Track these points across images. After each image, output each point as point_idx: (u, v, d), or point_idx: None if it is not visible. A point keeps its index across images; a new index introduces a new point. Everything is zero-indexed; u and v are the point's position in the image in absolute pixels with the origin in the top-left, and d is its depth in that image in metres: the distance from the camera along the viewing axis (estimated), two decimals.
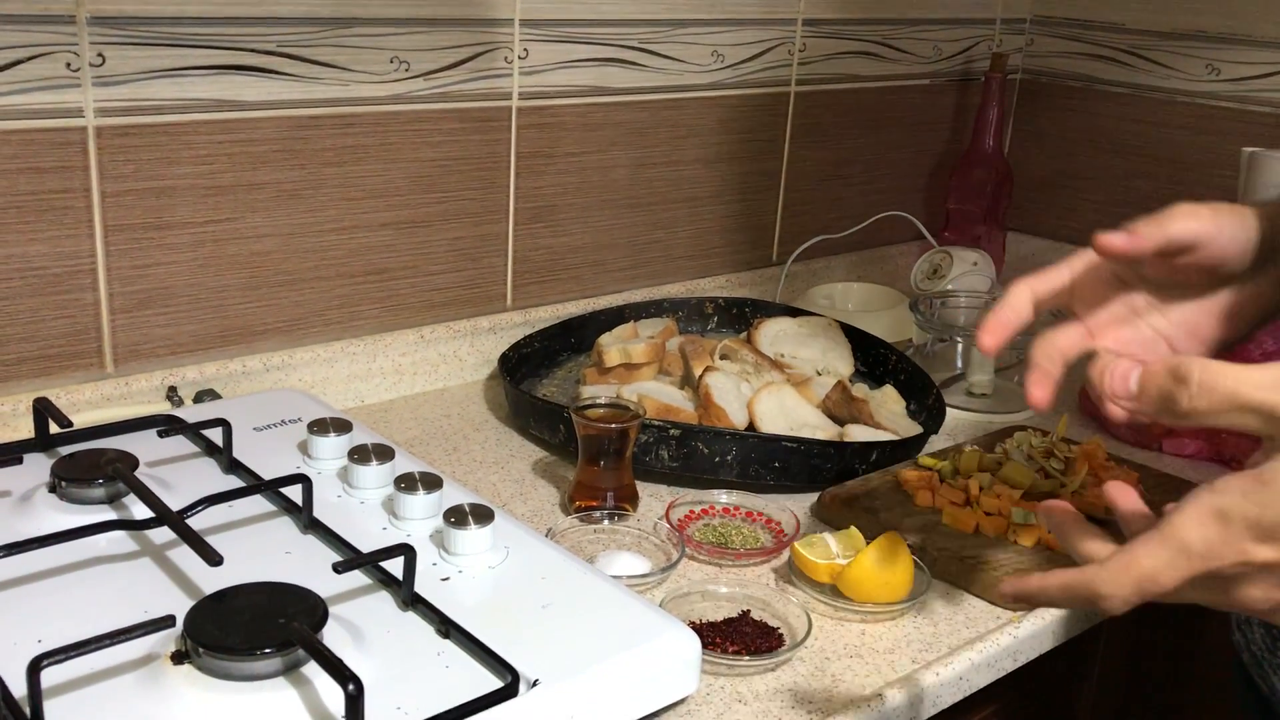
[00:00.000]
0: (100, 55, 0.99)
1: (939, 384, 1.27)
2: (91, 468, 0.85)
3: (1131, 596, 0.51)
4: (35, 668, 0.60)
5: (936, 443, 1.16)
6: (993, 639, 0.86)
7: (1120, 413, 0.55)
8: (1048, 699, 1.03)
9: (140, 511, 0.82)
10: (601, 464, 0.98)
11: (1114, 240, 0.63)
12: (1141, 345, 0.68)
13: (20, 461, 0.87)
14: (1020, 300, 0.67)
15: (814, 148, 1.59)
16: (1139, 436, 1.22)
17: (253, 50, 1.07)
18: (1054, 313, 0.70)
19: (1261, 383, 0.48)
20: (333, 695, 0.64)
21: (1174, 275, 0.67)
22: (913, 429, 1.17)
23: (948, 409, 1.21)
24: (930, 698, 0.81)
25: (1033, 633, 0.89)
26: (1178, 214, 0.64)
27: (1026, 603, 0.55)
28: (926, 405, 1.23)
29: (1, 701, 0.60)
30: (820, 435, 1.12)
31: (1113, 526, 1.00)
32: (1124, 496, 0.60)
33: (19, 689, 0.62)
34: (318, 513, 0.84)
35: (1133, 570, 0.50)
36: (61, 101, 0.98)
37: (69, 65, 0.98)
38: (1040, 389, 0.62)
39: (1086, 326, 0.69)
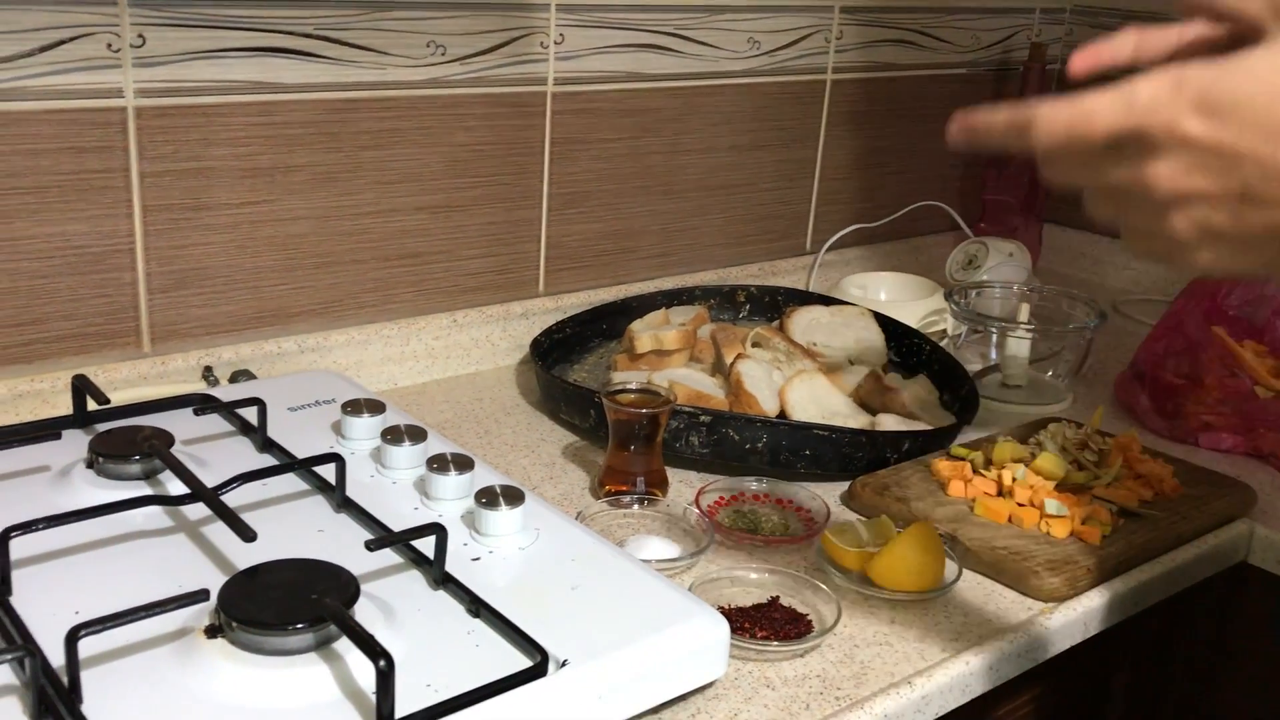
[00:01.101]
0: (141, 36, 1.00)
1: (973, 375, 1.26)
2: (128, 444, 0.86)
3: (1061, 131, 0.48)
4: (73, 638, 0.61)
5: (969, 434, 1.15)
6: (1024, 629, 0.86)
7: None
8: (1081, 690, 1.02)
9: (176, 488, 0.83)
10: (632, 449, 0.98)
11: None
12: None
13: (59, 437, 0.88)
14: (1124, 40, 0.61)
15: (850, 136, 1.59)
16: (1175, 430, 1.20)
17: (291, 33, 1.07)
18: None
19: None
20: (364, 671, 0.64)
21: None
22: (945, 419, 1.16)
23: (981, 400, 1.20)
24: (960, 686, 0.81)
25: (1065, 623, 0.88)
26: None
27: (970, 136, 0.52)
28: (960, 396, 1.22)
29: (40, 670, 0.61)
30: (852, 424, 1.11)
31: (1148, 520, 1.00)
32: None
33: (57, 658, 0.63)
34: (350, 492, 0.84)
35: (1075, 104, 0.48)
36: (102, 82, 0.99)
37: (110, 46, 0.98)
38: (1087, 56, 0.56)
39: (1182, 33, 0.63)
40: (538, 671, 0.67)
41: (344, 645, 0.66)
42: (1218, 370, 1.21)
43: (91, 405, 0.92)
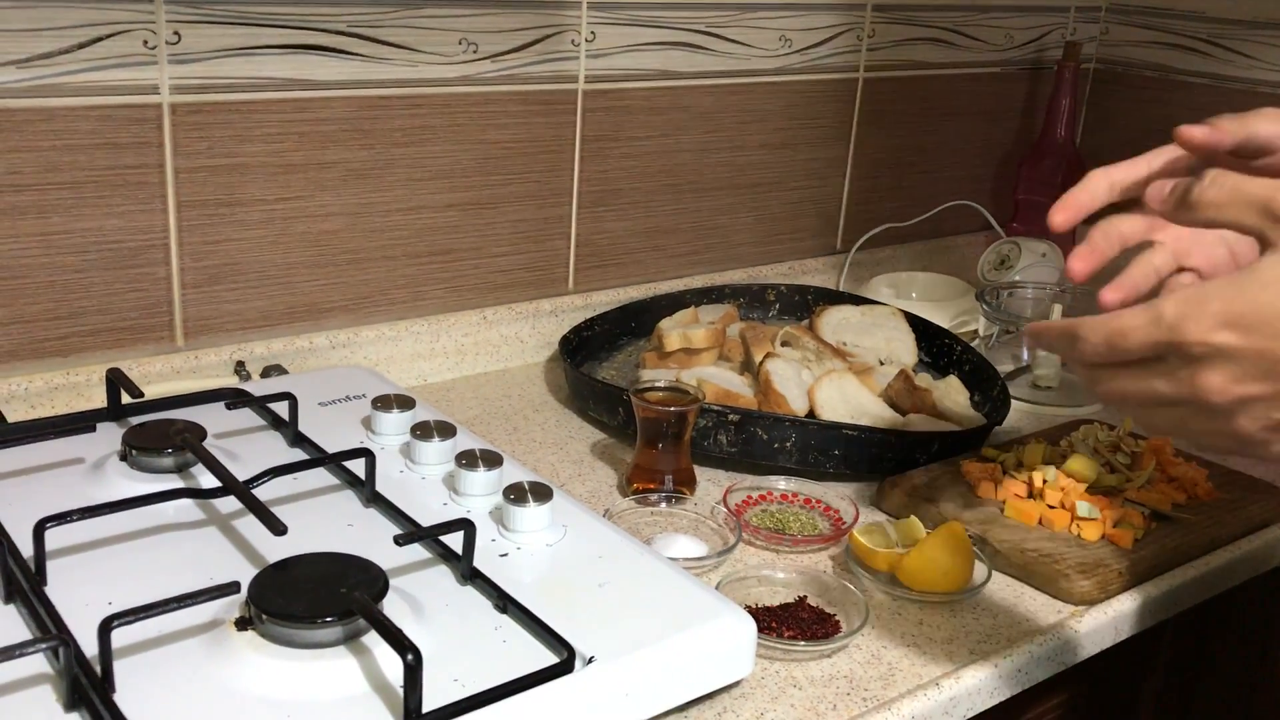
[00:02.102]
0: (176, 33, 1.01)
1: (1004, 376, 1.25)
2: (161, 437, 0.87)
3: (1101, 344, 0.52)
4: (106, 628, 0.62)
5: (1000, 435, 1.15)
6: (1054, 633, 0.85)
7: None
8: (1112, 694, 1.01)
9: (207, 481, 0.83)
10: (660, 447, 0.98)
11: (1195, 132, 0.63)
12: (1202, 246, 0.67)
13: (93, 430, 0.89)
14: (1096, 184, 0.66)
15: (881, 135, 1.58)
16: None
17: (324, 30, 1.08)
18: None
19: (1264, 183, 0.50)
20: (392, 665, 0.65)
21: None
22: (976, 420, 1.15)
23: (1013, 401, 1.19)
24: (988, 689, 0.81)
25: (1095, 627, 0.87)
26: (1264, 115, 0.64)
27: (1034, 339, 0.58)
28: (991, 397, 1.21)
29: (74, 659, 0.62)
30: (881, 424, 1.11)
31: (1181, 524, 0.99)
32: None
33: (90, 648, 0.63)
34: (380, 487, 0.85)
35: (1111, 322, 0.52)
36: (138, 79, 1.00)
37: (146, 43, 0.99)
38: (1083, 261, 0.61)
39: (1152, 221, 0.67)
40: (565, 668, 0.67)
41: (372, 639, 0.66)
42: None
43: (125, 399, 0.93)
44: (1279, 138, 0.63)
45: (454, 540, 0.76)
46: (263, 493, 0.79)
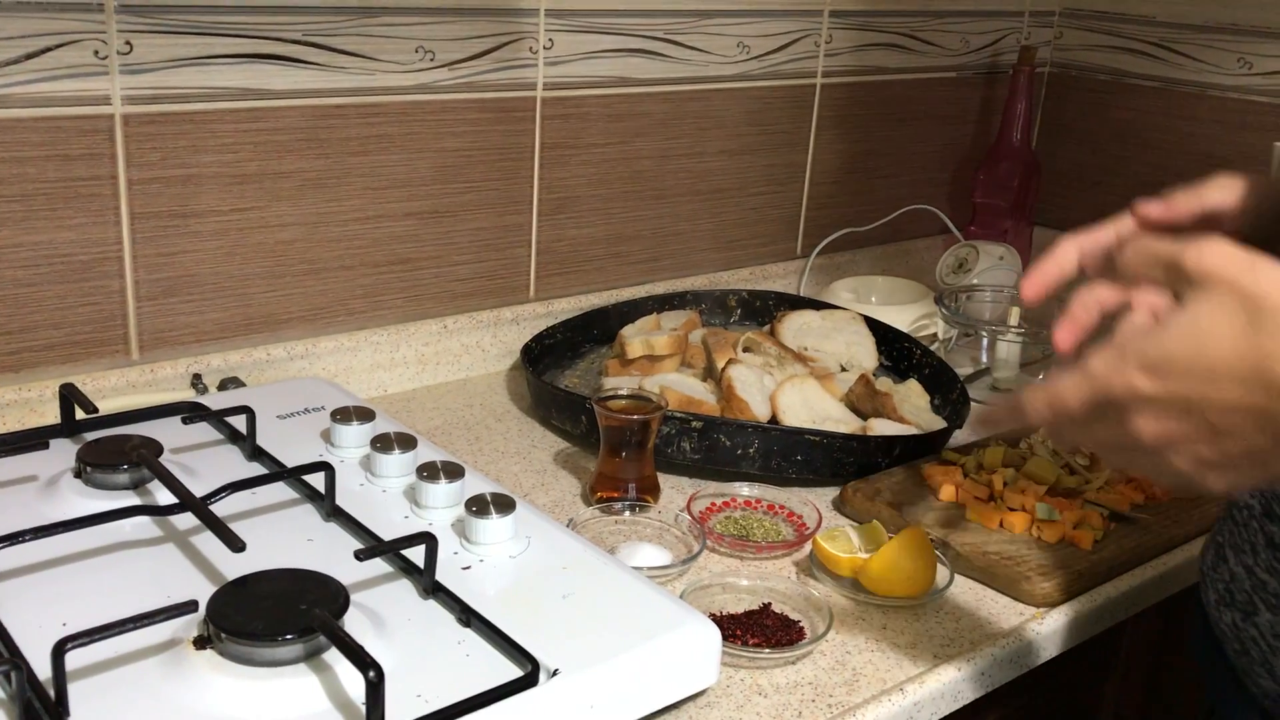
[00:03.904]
0: (128, 43, 0.99)
1: (964, 379, 1.26)
2: (116, 453, 0.86)
3: (1044, 410, 0.57)
4: (60, 650, 0.61)
5: (960, 438, 1.15)
6: (1016, 635, 0.86)
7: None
8: (1071, 696, 1.02)
9: (164, 497, 0.82)
10: (623, 455, 0.98)
11: (1151, 209, 0.67)
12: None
13: (46, 447, 0.88)
14: (1065, 254, 0.68)
15: (840, 140, 1.59)
16: None
17: (279, 39, 1.07)
18: None
19: (1172, 246, 0.54)
20: (354, 682, 0.64)
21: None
22: (936, 424, 1.16)
23: (972, 404, 1.20)
24: (952, 693, 0.81)
25: (1056, 629, 0.88)
26: (1215, 185, 0.68)
27: (989, 427, 0.62)
28: (951, 400, 1.22)
29: (26, 683, 0.61)
30: (843, 429, 1.11)
31: (1139, 524, 1.00)
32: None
33: (44, 671, 0.62)
34: (340, 501, 0.84)
35: (1047, 390, 0.56)
36: (89, 89, 0.98)
37: (96, 53, 0.98)
38: (1068, 332, 0.63)
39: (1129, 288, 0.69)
40: (529, 681, 0.66)
41: (334, 656, 0.66)
42: None
43: (79, 414, 0.92)
44: (1229, 208, 0.66)
45: (416, 554, 0.75)
46: (221, 509, 0.78)
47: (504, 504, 0.81)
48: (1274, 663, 0.70)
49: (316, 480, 0.84)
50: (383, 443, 0.90)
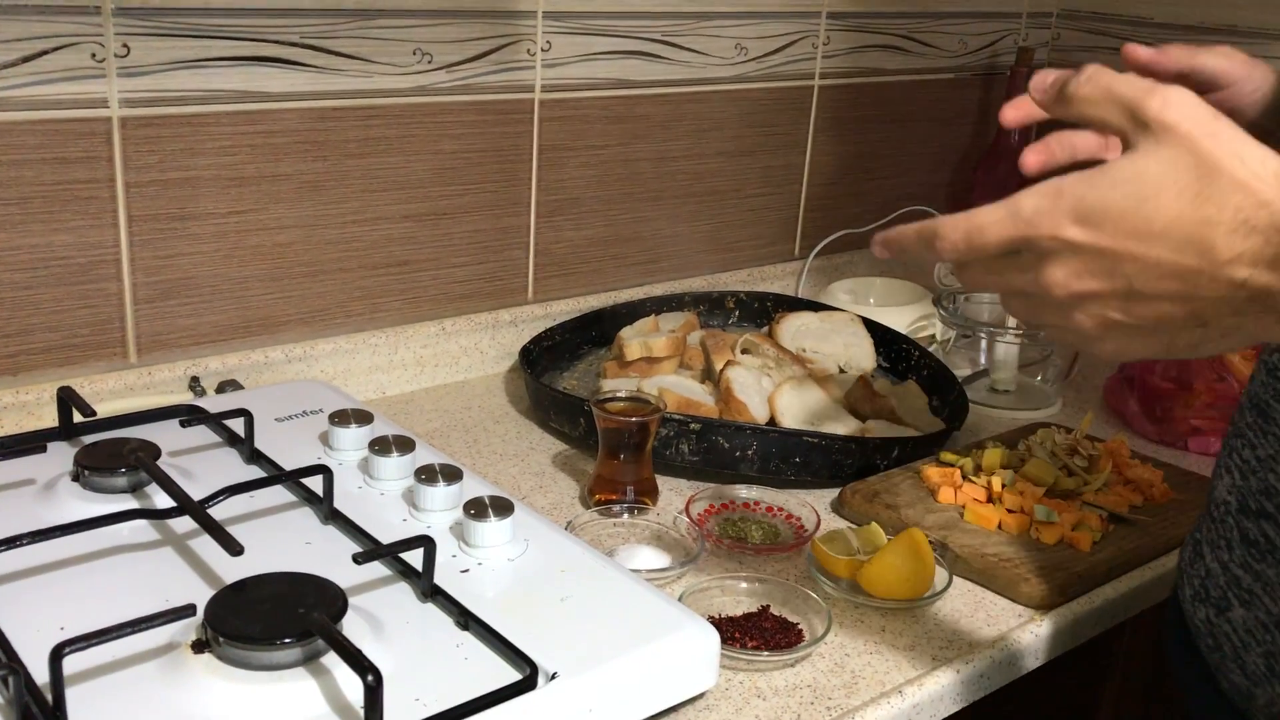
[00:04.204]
0: (125, 46, 0.99)
1: (962, 380, 1.26)
2: (114, 457, 0.86)
3: (960, 242, 0.53)
4: (58, 655, 0.61)
5: (959, 439, 1.15)
6: (1014, 637, 0.86)
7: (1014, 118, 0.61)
8: (1070, 698, 1.02)
9: (162, 501, 0.82)
10: (621, 457, 0.98)
11: (1140, 51, 0.64)
12: None
13: (44, 450, 0.88)
14: (1043, 78, 0.66)
15: (837, 142, 1.59)
16: (1164, 434, 1.21)
17: (276, 42, 1.07)
18: None
19: (1133, 81, 0.50)
20: (352, 686, 0.64)
21: None
22: (935, 425, 1.16)
23: (970, 405, 1.20)
24: (951, 695, 0.81)
25: (1056, 630, 0.88)
26: (1216, 51, 0.64)
27: (888, 249, 0.58)
28: (949, 401, 1.22)
29: (24, 688, 0.61)
30: (842, 430, 1.11)
31: (1138, 525, 1.00)
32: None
33: (41, 675, 0.62)
34: (338, 504, 0.84)
35: (969, 220, 0.52)
36: (86, 92, 0.98)
37: (94, 56, 0.98)
38: (1036, 156, 0.60)
39: (1108, 140, 0.68)
40: (527, 684, 0.66)
41: (332, 660, 0.66)
42: (1206, 375, 1.21)
43: (77, 417, 0.92)
44: (1226, 74, 0.64)
45: (414, 557, 0.75)
46: (219, 512, 0.78)
47: (502, 507, 0.81)
48: (1245, 658, 0.70)
49: (315, 483, 0.84)
50: (381, 445, 0.90)
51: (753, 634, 0.82)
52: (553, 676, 0.67)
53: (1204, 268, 0.48)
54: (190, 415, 0.94)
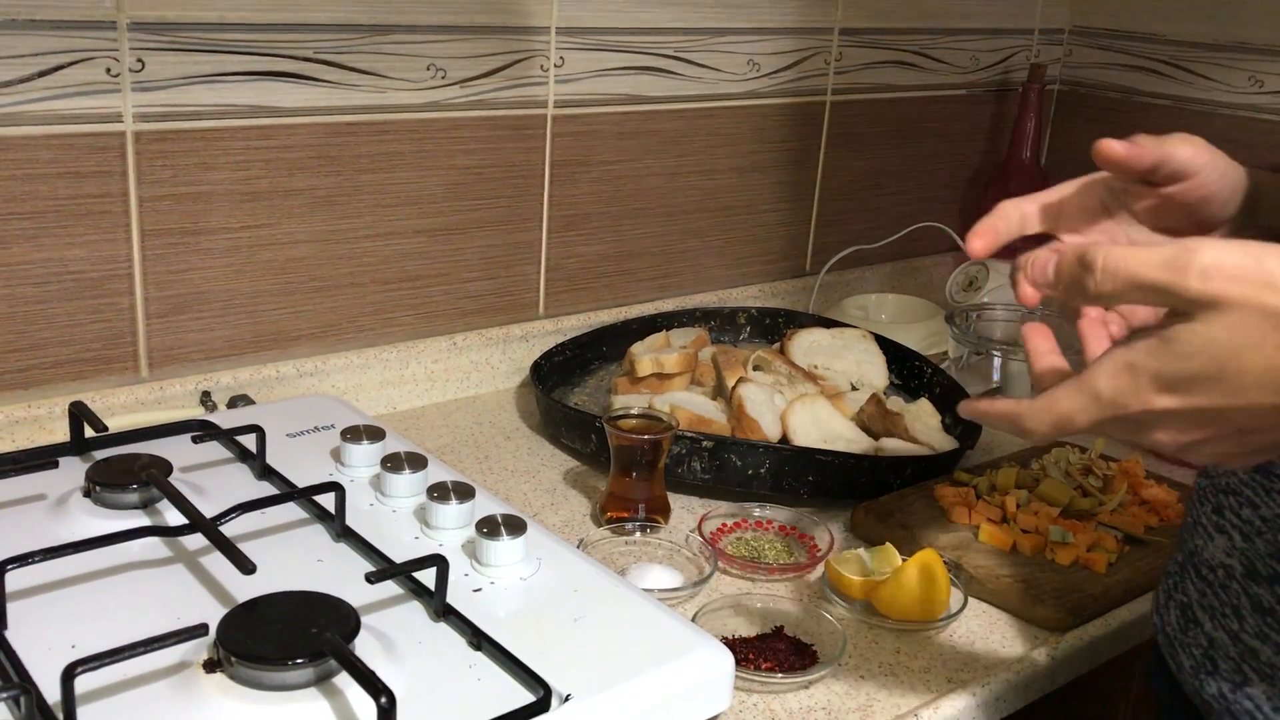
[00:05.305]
0: (140, 61, 0.99)
1: (975, 398, 1.25)
2: (126, 473, 0.85)
3: (1050, 432, 0.55)
4: (70, 675, 0.60)
5: (973, 458, 1.15)
6: (1030, 660, 0.85)
7: (1033, 295, 0.59)
8: (1087, 719, 1.01)
9: (174, 517, 0.82)
10: (633, 475, 0.97)
11: (1115, 147, 0.65)
12: (1098, 235, 0.69)
13: (55, 465, 0.87)
14: (1009, 211, 0.67)
15: (849, 158, 1.58)
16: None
17: (290, 57, 1.07)
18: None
19: (1158, 263, 0.50)
20: (364, 707, 0.63)
21: (1160, 209, 0.67)
22: (948, 444, 1.16)
23: (984, 424, 1.19)
24: (967, 718, 0.80)
25: (1071, 653, 0.87)
26: (1179, 138, 0.65)
27: (975, 419, 0.61)
28: (962, 420, 1.21)
29: (35, 708, 0.60)
30: (854, 449, 1.10)
31: (1153, 547, 0.99)
32: (1037, 339, 0.61)
33: (53, 695, 0.62)
34: (350, 521, 0.83)
35: (1053, 410, 0.54)
36: (101, 107, 0.98)
37: (109, 70, 0.98)
38: (982, 239, 0.62)
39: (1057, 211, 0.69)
40: (540, 706, 0.66)
41: (344, 680, 0.65)
42: None
43: (89, 432, 0.91)
44: (1192, 160, 0.65)
45: (426, 576, 0.75)
46: (231, 529, 0.78)
47: (515, 525, 0.80)
48: None
49: (326, 500, 0.84)
50: (393, 462, 0.89)
51: (766, 655, 0.81)
52: (566, 698, 0.67)
53: None
54: (202, 431, 0.93)
